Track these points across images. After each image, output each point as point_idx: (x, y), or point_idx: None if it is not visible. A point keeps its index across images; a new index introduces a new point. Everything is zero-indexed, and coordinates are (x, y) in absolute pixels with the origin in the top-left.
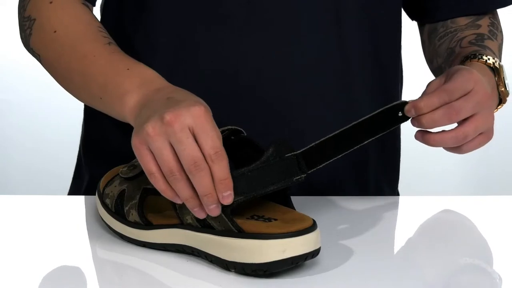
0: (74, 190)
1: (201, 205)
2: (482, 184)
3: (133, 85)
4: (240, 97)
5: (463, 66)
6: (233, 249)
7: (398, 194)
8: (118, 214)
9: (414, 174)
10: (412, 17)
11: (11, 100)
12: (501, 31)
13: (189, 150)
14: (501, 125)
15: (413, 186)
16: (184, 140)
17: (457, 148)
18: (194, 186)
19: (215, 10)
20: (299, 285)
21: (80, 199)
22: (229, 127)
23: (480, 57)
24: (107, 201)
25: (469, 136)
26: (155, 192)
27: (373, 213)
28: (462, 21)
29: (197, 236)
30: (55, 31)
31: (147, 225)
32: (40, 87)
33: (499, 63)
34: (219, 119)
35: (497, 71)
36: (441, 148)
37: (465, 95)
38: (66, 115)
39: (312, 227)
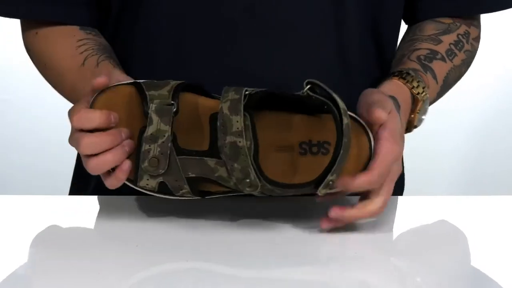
0: (78, 189)
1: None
2: (482, 184)
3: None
4: None
5: (389, 126)
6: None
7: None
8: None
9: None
10: (405, 20)
11: (11, 100)
12: (469, 46)
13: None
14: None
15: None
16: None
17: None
18: None
19: (214, 17)
20: (298, 285)
21: (81, 199)
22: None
23: (409, 80)
24: (145, 191)
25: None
26: (202, 179)
27: None
28: (429, 30)
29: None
30: (45, 64)
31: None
32: (40, 87)
33: (423, 96)
34: None
35: (415, 102)
36: (441, 149)
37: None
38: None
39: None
